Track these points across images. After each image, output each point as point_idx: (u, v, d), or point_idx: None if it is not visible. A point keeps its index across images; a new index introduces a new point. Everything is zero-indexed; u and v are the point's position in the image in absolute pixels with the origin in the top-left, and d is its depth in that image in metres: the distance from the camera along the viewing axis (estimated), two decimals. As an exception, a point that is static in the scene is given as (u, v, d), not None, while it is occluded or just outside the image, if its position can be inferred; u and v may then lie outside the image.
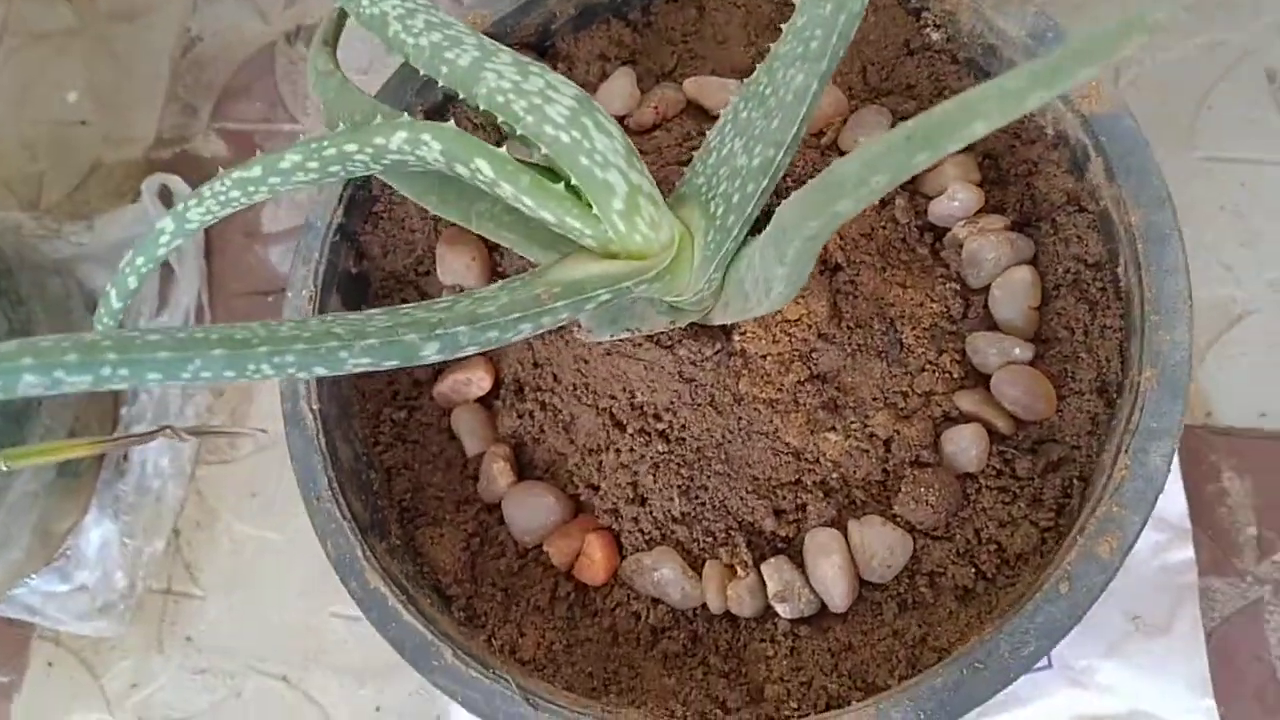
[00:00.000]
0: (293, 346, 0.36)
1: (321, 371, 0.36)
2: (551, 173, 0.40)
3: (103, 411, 0.77)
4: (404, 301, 0.53)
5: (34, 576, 0.76)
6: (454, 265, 0.50)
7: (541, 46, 0.53)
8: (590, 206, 0.39)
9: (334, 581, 0.74)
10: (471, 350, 0.37)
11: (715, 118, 0.50)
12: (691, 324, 0.43)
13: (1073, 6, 0.76)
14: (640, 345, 0.44)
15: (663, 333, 0.44)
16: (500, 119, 0.40)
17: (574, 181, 0.39)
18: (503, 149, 0.39)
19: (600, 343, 0.45)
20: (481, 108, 0.40)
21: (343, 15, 0.52)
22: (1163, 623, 0.61)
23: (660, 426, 0.46)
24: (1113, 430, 0.44)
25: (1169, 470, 0.41)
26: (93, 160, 0.89)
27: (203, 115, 0.87)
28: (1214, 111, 0.73)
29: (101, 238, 0.81)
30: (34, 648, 0.78)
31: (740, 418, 0.45)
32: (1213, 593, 0.64)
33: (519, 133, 0.39)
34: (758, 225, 0.40)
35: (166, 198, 0.82)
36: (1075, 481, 0.45)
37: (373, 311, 0.38)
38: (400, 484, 0.50)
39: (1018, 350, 0.46)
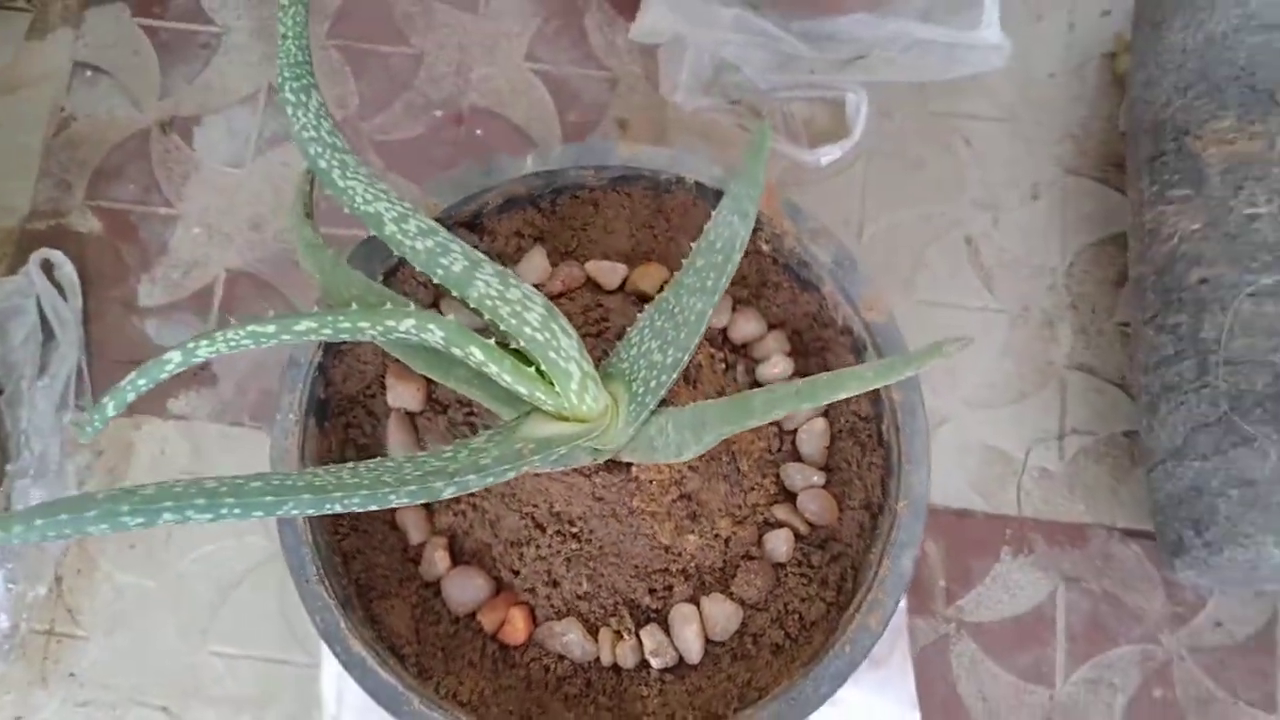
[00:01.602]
0: (358, 491, 0.50)
1: (373, 507, 0.50)
2: (517, 351, 0.56)
3: (-8, 469, 0.84)
4: (354, 418, 0.66)
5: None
6: (403, 394, 0.65)
7: (473, 224, 0.68)
8: (552, 384, 0.55)
9: (210, 625, 0.86)
10: (474, 489, 0.53)
11: (608, 292, 0.68)
12: (607, 460, 0.60)
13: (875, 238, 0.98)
14: (567, 473, 0.61)
15: (585, 466, 0.61)
16: (486, 316, 0.55)
17: (542, 367, 0.55)
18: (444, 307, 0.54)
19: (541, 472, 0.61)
20: (471, 306, 0.55)
21: (311, 183, 0.63)
22: (884, 655, 0.83)
23: (574, 530, 0.62)
24: (876, 538, 0.64)
25: (914, 567, 0.63)
26: (-32, 227, 0.93)
27: (77, 192, 0.94)
28: (928, 266, 0.97)
29: (-19, 305, 0.87)
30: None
31: (631, 524, 0.62)
32: (916, 630, 0.87)
33: (502, 328, 0.55)
34: (663, 401, 0.58)
35: (48, 269, 0.89)
36: (849, 570, 0.65)
37: (401, 460, 0.53)
38: (356, 565, 0.64)
39: (815, 477, 0.66)
